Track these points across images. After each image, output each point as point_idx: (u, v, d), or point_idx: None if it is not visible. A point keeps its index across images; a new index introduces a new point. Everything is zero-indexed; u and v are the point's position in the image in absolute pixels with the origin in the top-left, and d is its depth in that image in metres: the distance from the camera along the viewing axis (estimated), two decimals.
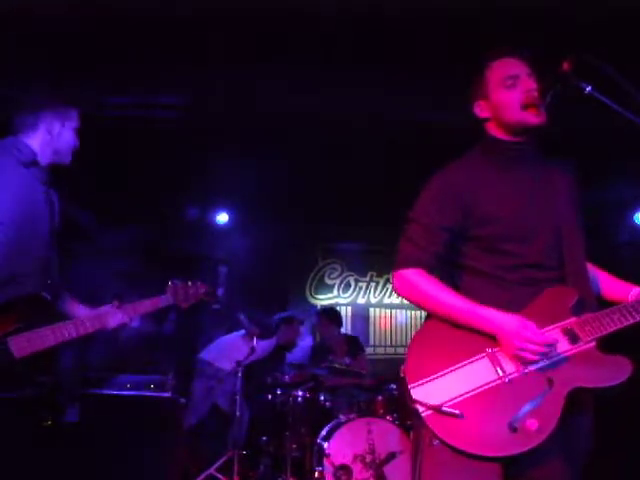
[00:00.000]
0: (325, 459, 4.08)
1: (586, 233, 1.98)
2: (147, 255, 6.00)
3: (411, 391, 1.73)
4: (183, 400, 4.30)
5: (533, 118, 1.88)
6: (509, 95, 1.91)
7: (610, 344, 1.79)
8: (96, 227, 4.94)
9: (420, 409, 1.71)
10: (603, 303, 1.93)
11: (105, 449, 3.38)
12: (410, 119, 4.87)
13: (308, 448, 4.42)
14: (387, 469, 4.06)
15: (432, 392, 1.72)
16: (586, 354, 1.75)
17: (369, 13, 3.75)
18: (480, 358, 1.76)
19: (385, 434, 4.10)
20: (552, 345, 1.72)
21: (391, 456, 4.07)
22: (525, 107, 1.89)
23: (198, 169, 5.74)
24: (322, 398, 4.75)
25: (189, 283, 2.63)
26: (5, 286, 2.21)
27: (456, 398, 1.70)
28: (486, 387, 1.72)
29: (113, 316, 2.39)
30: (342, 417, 4.36)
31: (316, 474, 4.18)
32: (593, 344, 1.76)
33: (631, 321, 1.77)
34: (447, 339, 1.81)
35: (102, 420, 3.44)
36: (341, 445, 4.11)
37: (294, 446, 4.58)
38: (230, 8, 3.68)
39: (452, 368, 1.75)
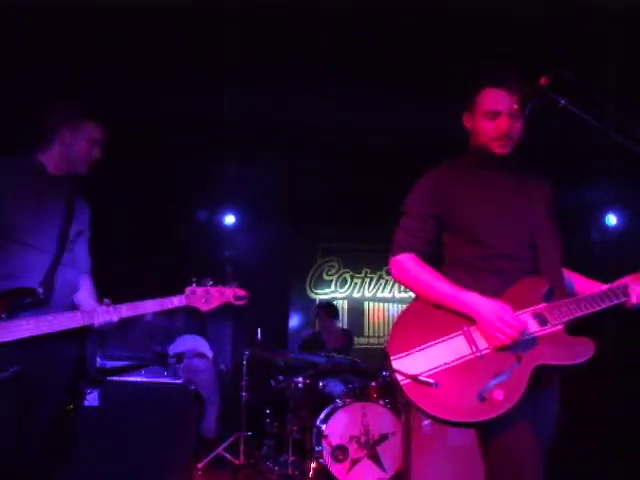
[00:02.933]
0: (323, 440, 4.08)
1: (562, 233, 2.00)
2: (162, 253, 6.01)
3: (392, 362, 1.78)
4: (193, 387, 4.30)
5: (497, 149, 1.97)
6: (486, 125, 1.98)
7: (579, 328, 1.82)
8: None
9: (399, 378, 1.75)
10: None
11: (121, 431, 3.37)
12: (406, 127, 4.81)
13: (308, 430, 4.41)
14: (380, 449, 4.07)
15: (411, 364, 1.77)
16: (554, 335, 1.78)
17: (369, 23, 3.70)
18: (457, 335, 1.80)
19: (378, 417, 4.10)
20: (525, 331, 1.74)
21: (384, 437, 4.08)
22: (493, 140, 1.96)
23: (207, 175, 5.74)
24: (320, 384, 4.75)
25: (213, 286, 2.38)
26: (5, 280, 2.20)
27: (433, 369, 1.74)
28: (460, 361, 1.76)
29: (101, 314, 2.25)
30: (339, 401, 4.36)
31: (315, 453, 4.18)
32: (561, 327, 1.79)
33: (597, 308, 1.81)
34: (428, 318, 1.86)
35: (119, 405, 3.44)
36: (338, 427, 4.11)
37: (295, 428, 4.57)
38: (230, 17, 3.60)
39: (431, 343, 1.79)
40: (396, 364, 1.77)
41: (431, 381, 1.71)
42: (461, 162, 2.08)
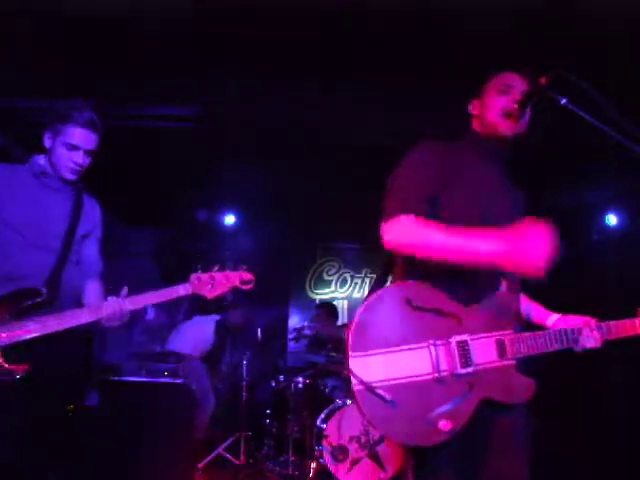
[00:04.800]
0: (324, 440, 4.08)
1: (561, 233, 1.98)
2: (162, 253, 6.01)
3: (350, 359, 1.66)
4: (194, 386, 4.30)
5: (506, 128, 1.91)
6: (497, 99, 1.94)
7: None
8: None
9: (353, 381, 1.64)
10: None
11: (122, 431, 3.37)
12: (407, 127, 4.81)
13: (308, 430, 4.41)
14: (380, 449, 4.07)
15: (369, 367, 1.65)
16: (506, 369, 1.77)
17: (370, 23, 3.70)
18: (421, 348, 1.70)
19: None
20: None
21: (384, 437, 4.08)
22: (505, 115, 1.91)
23: (208, 176, 5.73)
24: (321, 384, 4.75)
25: (219, 271, 2.33)
26: (8, 281, 2.19)
27: (389, 380, 1.65)
28: (418, 378, 1.68)
29: (105, 307, 2.22)
30: (339, 401, 4.36)
31: (316, 453, 4.18)
32: (514, 362, 1.78)
33: (549, 349, 1.85)
34: (398, 316, 1.71)
35: (119, 405, 3.44)
36: (338, 427, 4.12)
37: (295, 428, 4.58)
38: (231, 16, 3.60)
39: (394, 349, 1.68)
40: (353, 363, 1.65)
41: (387, 397, 1.62)
42: (457, 142, 2.02)
